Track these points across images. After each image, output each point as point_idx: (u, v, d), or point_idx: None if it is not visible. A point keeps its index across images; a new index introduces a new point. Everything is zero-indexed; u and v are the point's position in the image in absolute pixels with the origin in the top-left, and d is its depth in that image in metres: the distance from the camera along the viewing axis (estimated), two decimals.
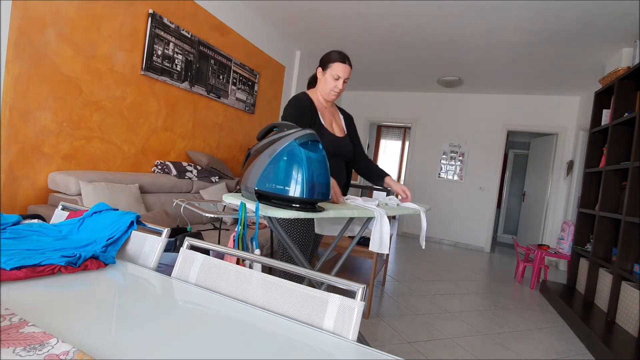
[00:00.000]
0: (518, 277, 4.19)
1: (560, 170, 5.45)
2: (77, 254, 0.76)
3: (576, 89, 5.04)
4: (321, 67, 1.68)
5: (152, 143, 2.87)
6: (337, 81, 1.64)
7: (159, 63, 2.78)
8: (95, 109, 2.41)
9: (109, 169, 2.56)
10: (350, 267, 3.01)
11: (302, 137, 1.09)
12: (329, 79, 1.64)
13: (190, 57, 3.07)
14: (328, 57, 1.66)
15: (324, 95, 1.69)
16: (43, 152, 2.15)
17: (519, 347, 2.37)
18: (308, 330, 0.62)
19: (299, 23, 3.98)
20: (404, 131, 8.46)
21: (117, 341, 0.52)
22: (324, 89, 1.67)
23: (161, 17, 2.74)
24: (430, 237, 6.29)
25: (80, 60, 2.26)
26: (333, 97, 1.68)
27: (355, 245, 1.67)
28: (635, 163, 2.54)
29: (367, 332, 2.30)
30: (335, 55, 1.64)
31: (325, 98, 1.70)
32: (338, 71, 1.62)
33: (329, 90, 1.66)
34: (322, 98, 1.71)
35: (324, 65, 1.66)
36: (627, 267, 2.55)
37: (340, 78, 1.64)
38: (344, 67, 1.63)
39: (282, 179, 1.04)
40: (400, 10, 3.37)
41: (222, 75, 3.49)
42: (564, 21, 3.18)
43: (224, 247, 0.84)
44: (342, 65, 1.63)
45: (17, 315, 0.51)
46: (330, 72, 1.64)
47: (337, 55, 1.64)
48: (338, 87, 1.65)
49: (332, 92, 1.66)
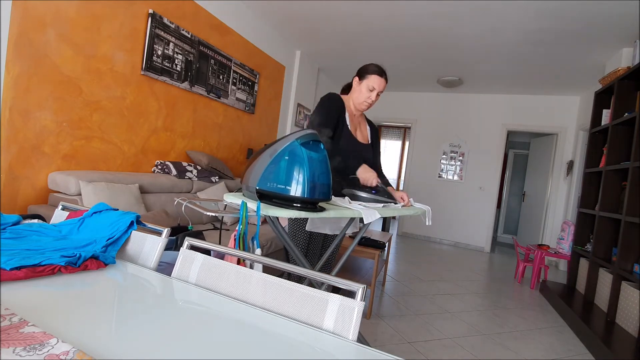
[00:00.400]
0: (518, 277, 4.19)
1: (560, 170, 5.46)
2: (77, 254, 0.76)
3: (576, 89, 5.04)
4: (358, 76, 1.74)
5: (152, 143, 2.87)
6: (371, 92, 1.70)
7: (159, 63, 2.78)
8: (95, 109, 2.41)
9: (109, 169, 2.56)
10: (351, 267, 3.01)
11: (303, 137, 1.09)
12: (364, 89, 1.70)
13: (190, 57, 3.07)
14: (366, 68, 1.71)
15: (356, 104, 1.75)
16: (43, 152, 2.15)
17: (519, 347, 2.37)
18: (308, 330, 0.62)
19: (299, 23, 3.98)
20: (404, 131, 8.46)
21: (117, 341, 0.51)
22: (358, 98, 1.73)
23: (161, 17, 2.73)
24: (430, 237, 6.29)
25: (80, 60, 2.26)
26: (364, 107, 1.75)
27: (355, 245, 1.67)
28: (635, 163, 2.54)
29: (367, 332, 2.30)
30: (374, 68, 1.70)
31: (356, 107, 1.76)
32: (374, 83, 1.68)
33: (362, 100, 1.71)
34: (353, 106, 1.77)
35: (362, 75, 1.72)
36: (627, 267, 2.55)
37: (375, 90, 1.70)
38: (380, 80, 1.69)
39: (283, 179, 1.04)
40: (400, 10, 3.37)
41: (222, 75, 3.49)
42: (564, 21, 3.18)
43: (224, 247, 0.84)
44: (379, 78, 1.69)
45: (17, 315, 0.51)
46: (366, 82, 1.69)
47: (376, 68, 1.70)
48: (371, 99, 1.71)
49: (364, 103, 1.72)
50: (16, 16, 1.91)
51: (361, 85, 1.71)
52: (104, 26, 2.37)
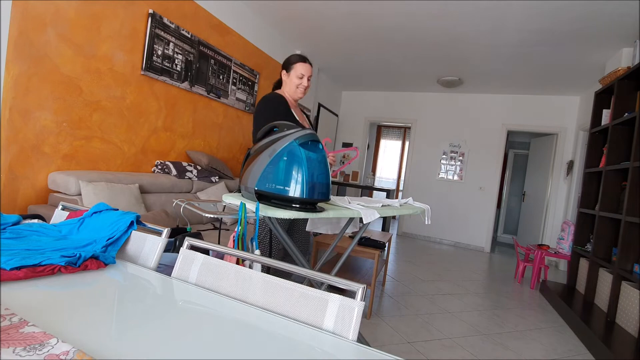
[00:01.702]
0: (518, 277, 4.19)
1: (560, 170, 5.46)
2: (77, 254, 0.76)
3: (576, 89, 5.04)
4: (285, 69, 1.87)
5: (152, 143, 2.87)
6: (301, 79, 1.83)
7: (159, 63, 2.78)
8: (95, 109, 2.41)
9: (109, 169, 2.56)
10: (351, 267, 3.01)
11: (302, 137, 1.09)
12: (294, 78, 1.83)
13: (190, 57, 3.07)
14: (289, 60, 1.86)
15: (291, 94, 1.87)
16: (43, 152, 2.15)
17: (519, 347, 2.37)
18: (308, 330, 0.62)
19: (299, 23, 3.98)
20: (404, 131, 8.46)
21: (117, 341, 0.52)
22: (290, 88, 1.85)
23: (161, 17, 2.74)
24: (430, 237, 6.29)
25: (80, 60, 2.26)
26: (300, 94, 1.86)
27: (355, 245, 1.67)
28: (635, 163, 2.54)
29: (367, 332, 2.30)
30: (296, 57, 1.85)
31: (292, 97, 1.87)
32: (302, 70, 1.82)
33: (294, 88, 1.84)
34: (290, 98, 1.87)
35: (287, 68, 1.85)
36: (627, 267, 2.55)
37: (304, 76, 1.83)
38: (304, 65, 1.83)
39: (282, 179, 1.04)
40: (400, 10, 3.37)
41: (222, 75, 3.49)
42: (564, 21, 3.18)
43: (223, 247, 0.84)
44: (303, 64, 1.83)
45: (17, 315, 0.51)
46: (294, 72, 1.83)
47: (297, 57, 1.85)
48: (304, 84, 1.84)
49: (298, 90, 1.85)
50: (16, 16, 1.91)
51: (290, 76, 1.84)
52: (104, 26, 2.37)
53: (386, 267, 3.55)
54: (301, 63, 1.83)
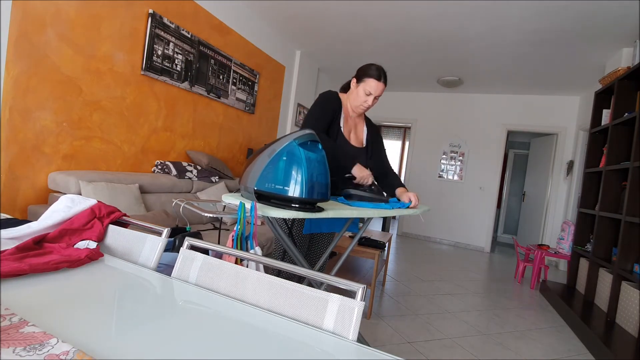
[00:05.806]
0: (518, 277, 4.19)
1: (560, 170, 5.46)
2: None
3: (576, 89, 5.04)
4: (356, 78, 1.64)
5: (152, 143, 2.87)
6: (368, 97, 1.61)
7: (159, 63, 2.78)
8: (95, 109, 2.41)
9: (109, 169, 2.56)
10: (351, 267, 3.01)
11: (301, 137, 1.09)
12: (361, 92, 1.61)
13: (190, 57, 3.07)
14: (365, 70, 1.62)
15: (352, 106, 1.67)
16: (43, 152, 2.15)
17: (519, 347, 2.37)
18: (308, 330, 0.62)
19: (299, 23, 3.98)
20: (404, 131, 8.45)
21: (117, 341, 0.52)
22: (354, 100, 1.65)
23: (161, 17, 2.74)
24: (430, 237, 6.29)
25: (80, 60, 2.26)
26: (361, 111, 1.67)
27: (355, 245, 1.67)
28: (635, 163, 2.54)
29: (367, 332, 2.30)
30: (373, 72, 1.60)
31: (352, 109, 1.68)
32: (371, 88, 1.60)
33: (358, 104, 1.64)
34: (350, 107, 1.69)
35: (359, 78, 1.62)
36: (627, 267, 2.55)
37: (372, 95, 1.61)
38: (378, 84, 1.60)
39: (281, 179, 1.04)
40: (400, 10, 3.37)
41: (222, 75, 3.49)
42: (564, 21, 3.18)
43: (223, 247, 0.84)
44: (376, 82, 1.59)
45: (17, 315, 0.51)
46: (363, 86, 1.61)
47: (375, 71, 1.60)
48: (367, 103, 1.63)
49: (360, 107, 1.64)
50: (16, 16, 1.91)
51: (358, 88, 1.62)
52: (104, 26, 2.37)
53: (386, 267, 3.55)
54: (375, 80, 1.59)
